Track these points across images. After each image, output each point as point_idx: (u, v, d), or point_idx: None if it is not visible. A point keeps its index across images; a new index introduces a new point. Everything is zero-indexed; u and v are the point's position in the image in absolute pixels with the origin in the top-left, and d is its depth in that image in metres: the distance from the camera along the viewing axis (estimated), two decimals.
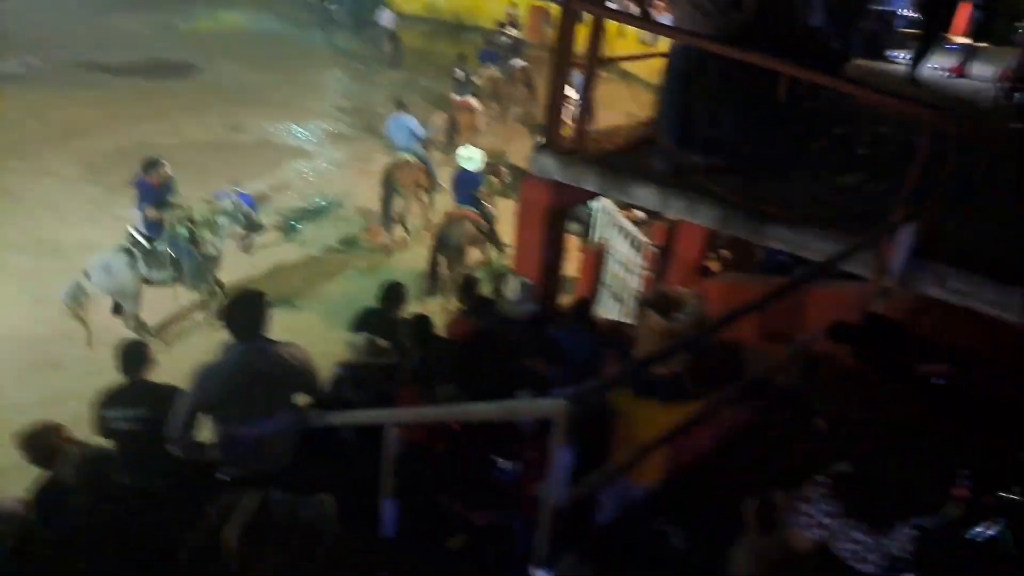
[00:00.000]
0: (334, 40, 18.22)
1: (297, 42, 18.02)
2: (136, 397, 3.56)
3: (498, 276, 5.23)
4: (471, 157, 7.55)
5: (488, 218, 7.68)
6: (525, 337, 4.19)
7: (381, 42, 16.26)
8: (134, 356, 3.62)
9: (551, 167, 4.50)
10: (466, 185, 7.60)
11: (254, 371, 2.98)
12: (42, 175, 9.28)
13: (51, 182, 9.15)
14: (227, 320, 3.02)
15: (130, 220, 6.58)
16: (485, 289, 5.24)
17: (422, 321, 4.35)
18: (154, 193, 6.38)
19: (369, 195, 9.11)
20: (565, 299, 6.01)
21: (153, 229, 6.43)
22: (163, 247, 6.43)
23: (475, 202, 7.59)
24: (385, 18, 16.17)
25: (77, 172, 9.57)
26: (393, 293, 4.76)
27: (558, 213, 4.86)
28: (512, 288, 4.48)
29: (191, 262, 6.59)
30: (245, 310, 3.04)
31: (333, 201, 9.67)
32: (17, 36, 15.15)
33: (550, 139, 4.53)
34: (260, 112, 12.65)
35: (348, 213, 9.47)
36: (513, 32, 13.34)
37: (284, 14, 19.83)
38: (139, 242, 6.35)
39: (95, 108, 11.94)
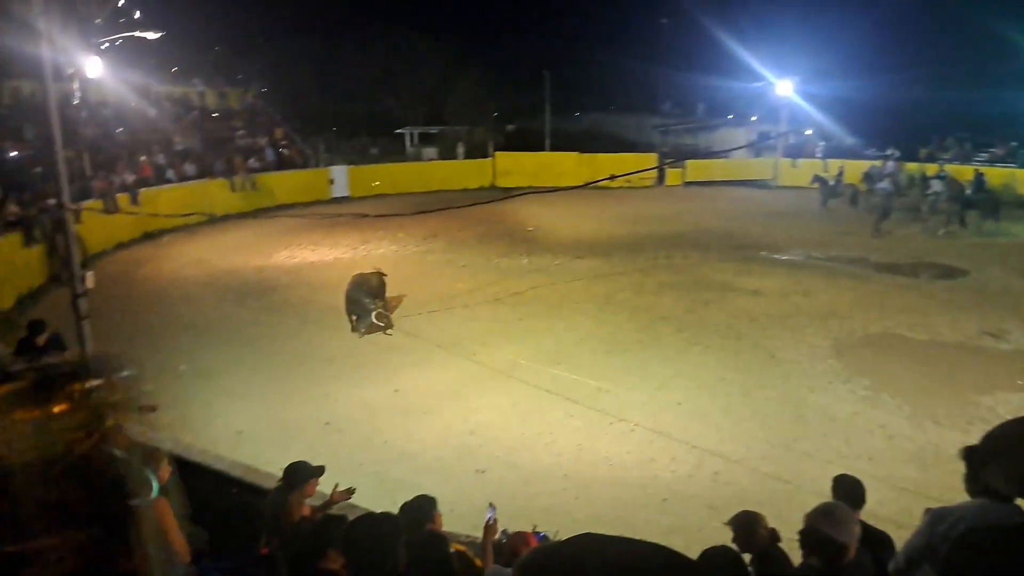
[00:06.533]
0: None
1: None
2: None
3: None
4: None
5: None
6: None
7: None
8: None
9: None
10: None
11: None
12: (800, 343, 10.85)
13: (805, 350, 10.60)
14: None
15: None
16: None
17: None
18: None
19: None
20: None
21: None
22: None
23: None
24: None
25: (827, 346, 10.78)
26: None
27: None
28: None
29: None
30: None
31: None
32: (799, 239, 18.59)
33: None
34: None
35: None
36: None
37: None
38: None
39: (853, 294, 13.32)
